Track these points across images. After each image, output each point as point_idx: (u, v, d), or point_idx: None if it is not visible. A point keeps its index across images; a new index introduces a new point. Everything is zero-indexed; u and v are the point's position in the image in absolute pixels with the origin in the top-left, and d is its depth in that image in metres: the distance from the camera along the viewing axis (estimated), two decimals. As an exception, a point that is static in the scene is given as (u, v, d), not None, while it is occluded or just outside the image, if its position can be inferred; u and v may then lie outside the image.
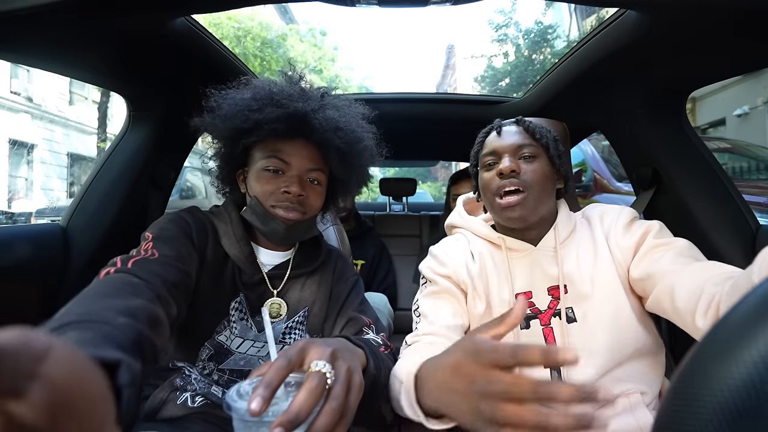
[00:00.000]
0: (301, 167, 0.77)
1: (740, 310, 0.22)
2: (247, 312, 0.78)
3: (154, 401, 0.74)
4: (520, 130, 0.80)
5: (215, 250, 0.77)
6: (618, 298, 0.74)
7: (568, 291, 0.76)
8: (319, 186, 0.80)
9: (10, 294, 0.86)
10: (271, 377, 0.39)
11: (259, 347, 0.78)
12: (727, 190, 1.06)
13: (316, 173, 0.79)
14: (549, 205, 0.79)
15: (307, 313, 0.83)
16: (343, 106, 0.80)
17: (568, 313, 0.75)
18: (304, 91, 0.78)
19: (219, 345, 0.75)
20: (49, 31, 0.75)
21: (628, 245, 0.75)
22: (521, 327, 0.77)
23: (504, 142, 0.79)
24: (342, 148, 0.76)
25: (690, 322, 0.61)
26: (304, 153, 0.77)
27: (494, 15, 11.53)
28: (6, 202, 9.06)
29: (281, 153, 0.76)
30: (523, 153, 0.77)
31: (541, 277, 0.78)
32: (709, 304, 0.57)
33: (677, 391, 0.22)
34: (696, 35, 0.79)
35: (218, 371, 0.76)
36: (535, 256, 0.79)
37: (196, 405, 0.73)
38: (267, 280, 0.80)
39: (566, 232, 0.80)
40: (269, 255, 0.83)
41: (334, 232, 1.19)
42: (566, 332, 0.75)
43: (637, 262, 0.73)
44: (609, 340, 0.72)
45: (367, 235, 1.82)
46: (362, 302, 0.86)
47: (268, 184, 0.76)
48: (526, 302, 0.42)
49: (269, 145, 0.76)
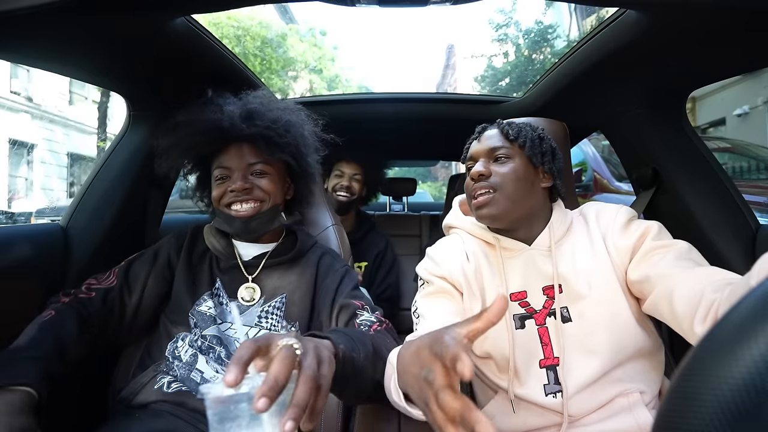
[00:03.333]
0: (241, 166, 0.87)
1: (740, 309, 0.22)
2: (225, 295, 0.88)
3: (135, 385, 0.80)
4: (497, 132, 0.81)
5: (194, 248, 0.93)
6: (616, 299, 0.73)
7: (563, 290, 0.76)
8: (268, 175, 0.89)
9: (10, 294, 0.86)
10: (240, 354, 0.40)
11: (236, 329, 0.85)
12: (727, 190, 1.05)
13: (260, 165, 0.88)
14: (530, 204, 0.78)
15: (285, 300, 0.88)
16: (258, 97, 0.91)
17: (563, 313, 0.75)
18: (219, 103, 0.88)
19: (201, 314, 0.85)
20: (49, 31, 0.75)
21: (625, 246, 0.74)
22: (516, 327, 0.76)
23: (480, 147, 0.81)
24: (263, 134, 0.85)
25: (688, 328, 0.60)
26: (239, 153, 0.87)
27: (494, 15, 11.50)
28: (6, 202, 9.06)
29: (224, 162, 0.87)
30: (497, 155, 0.78)
31: (536, 276, 0.78)
32: (708, 309, 0.57)
33: (677, 390, 0.22)
34: (696, 35, 0.79)
35: (201, 337, 0.84)
36: (530, 255, 0.79)
37: (170, 391, 0.78)
38: (242, 267, 0.90)
39: (561, 231, 0.80)
40: (247, 247, 0.94)
41: (334, 232, 1.19)
42: (561, 332, 0.75)
43: (636, 264, 0.73)
44: (608, 341, 0.72)
45: (370, 234, 1.79)
46: (354, 288, 0.90)
47: (218, 190, 0.87)
48: (506, 300, 0.42)
49: (214, 161, 0.89)
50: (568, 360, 0.74)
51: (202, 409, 0.79)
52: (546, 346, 0.75)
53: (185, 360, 0.81)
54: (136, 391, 0.79)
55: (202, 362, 0.81)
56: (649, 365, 0.75)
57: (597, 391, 0.72)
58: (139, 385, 0.80)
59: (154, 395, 0.77)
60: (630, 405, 0.72)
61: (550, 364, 0.74)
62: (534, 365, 0.75)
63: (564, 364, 0.73)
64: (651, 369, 0.75)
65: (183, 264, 0.91)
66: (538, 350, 0.75)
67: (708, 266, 0.66)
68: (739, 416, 0.18)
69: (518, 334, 0.76)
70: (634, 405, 0.71)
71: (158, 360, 0.84)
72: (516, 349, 0.75)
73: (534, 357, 0.75)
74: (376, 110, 1.65)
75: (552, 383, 0.73)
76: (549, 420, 0.74)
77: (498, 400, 0.79)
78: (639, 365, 0.74)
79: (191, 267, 0.91)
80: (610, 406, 0.73)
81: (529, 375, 0.75)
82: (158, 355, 0.85)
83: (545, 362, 0.74)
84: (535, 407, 0.74)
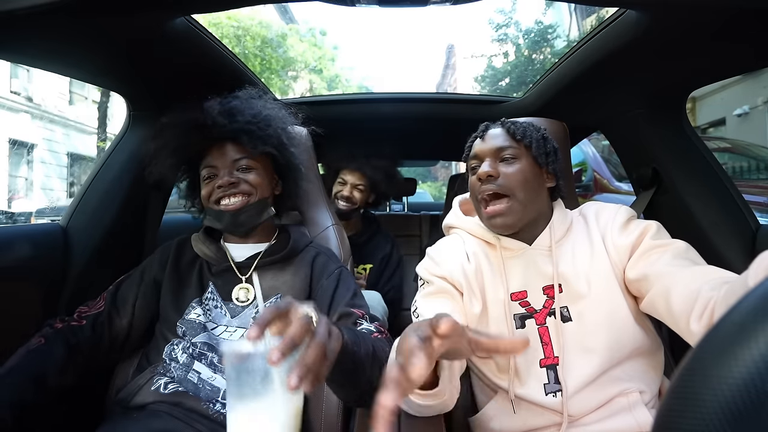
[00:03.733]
0: (226, 163, 0.88)
1: (741, 308, 0.22)
2: (218, 299, 0.88)
3: (133, 387, 0.81)
4: (503, 132, 0.80)
5: (181, 258, 0.93)
6: (614, 298, 0.74)
7: (563, 290, 0.76)
8: (254, 170, 0.90)
9: (10, 294, 0.86)
10: (264, 316, 0.45)
11: (231, 332, 0.85)
12: (727, 190, 1.06)
13: (245, 161, 0.88)
14: (538, 206, 0.79)
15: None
16: (239, 96, 0.91)
17: (563, 312, 0.76)
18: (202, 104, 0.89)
19: (190, 322, 0.85)
20: (49, 31, 0.75)
21: (624, 244, 0.75)
22: (516, 327, 0.77)
23: (485, 146, 0.79)
24: (245, 129, 0.86)
25: (684, 326, 0.60)
26: (224, 151, 0.88)
27: (494, 15, 11.49)
28: (6, 202, 9.06)
29: (210, 161, 0.89)
30: (504, 155, 0.77)
31: (536, 276, 0.78)
32: (705, 308, 0.57)
33: (677, 390, 0.22)
34: (696, 35, 0.79)
35: (192, 344, 0.84)
36: (530, 255, 0.79)
37: (167, 392, 0.78)
38: (235, 268, 0.90)
39: (562, 231, 0.80)
40: (239, 248, 0.94)
41: (334, 232, 1.19)
42: (561, 331, 0.75)
43: (634, 263, 0.73)
44: (607, 340, 0.72)
45: (377, 236, 1.75)
46: (354, 296, 0.88)
47: (206, 189, 0.88)
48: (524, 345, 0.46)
49: (201, 163, 0.90)
50: (567, 359, 0.74)
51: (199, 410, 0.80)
52: (546, 345, 0.75)
53: (182, 361, 0.82)
54: (133, 392, 0.80)
55: (198, 363, 0.82)
56: (648, 365, 0.75)
57: (596, 390, 0.72)
58: (137, 387, 0.80)
59: (151, 396, 0.78)
60: (630, 405, 0.72)
61: (550, 364, 0.74)
62: (534, 365, 0.75)
63: (564, 363, 0.73)
64: (650, 368, 0.75)
65: (169, 276, 0.91)
66: (539, 350, 0.75)
67: (705, 265, 0.66)
68: (739, 416, 0.18)
69: (519, 333, 0.76)
70: (634, 405, 0.72)
71: (155, 362, 0.84)
72: None
73: (534, 357, 0.75)
74: (376, 110, 1.65)
75: (552, 382, 0.74)
76: (549, 420, 0.74)
77: (498, 400, 0.79)
78: (638, 364, 0.74)
79: (179, 278, 0.91)
80: (609, 406, 0.73)
81: (529, 375, 0.75)
82: (156, 358, 0.85)
83: (545, 362, 0.75)
84: (535, 407, 0.74)
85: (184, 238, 0.97)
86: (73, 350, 0.81)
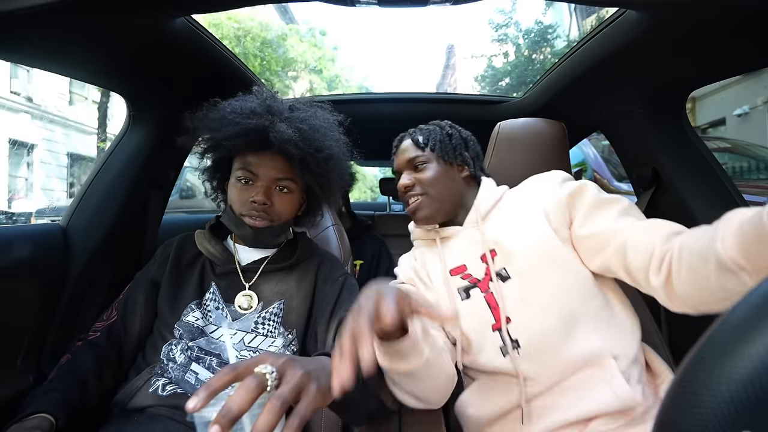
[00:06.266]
0: (269, 177, 0.84)
1: (742, 307, 0.22)
2: (220, 301, 0.86)
3: (130, 389, 0.79)
4: (410, 143, 0.90)
5: (182, 256, 0.91)
6: (553, 246, 0.75)
7: (497, 254, 0.80)
8: (290, 193, 0.87)
9: (10, 294, 0.86)
10: (211, 381, 0.42)
11: (231, 334, 0.84)
12: (727, 190, 1.05)
13: (286, 182, 0.86)
14: (454, 194, 0.87)
15: (283, 307, 0.87)
16: (309, 118, 0.85)
17: (501, 273, 0.78)
18: (270, 107, 0.83)
19: (188, 325, 0.83)
20: (49, 31, 0.75)
21: (563, 195, 0.78)
22: (462, 299, 0.80)
23: (399, 161, 0.91)
24: (304, 158, 0.81)
25: (643, 280, 0.63)
26: (271, 164, 0.84)
27: (494, 15, 11.54)
28: (6, 202, 9.06)
29: (251, 165, 0.84)
30: (415, 164, 0.88)
31: (471, 249, 0.83)
32: (662, 261, 0.60)
33: (677, 390, 0.22)
34: (696, 35, 0.79)
35: (189, 348, 0.82)
36: (464, 234, 0.86)
37: (165, 394, 0.77)
38: (240, 272, 0.88)
39: (488, 205, 0.85)
40: (247, 251, 0.92)
41: (334, 232, 1.19)
42: (502, 291, 0.77)
43: (582, 220, 0.76)
44: (552, 290, 0.73)
45: (365, 235, 1.82)
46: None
47: (239, 194, 0.85)
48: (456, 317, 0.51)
49: (241, 158, 0.85)
50: (517, 317, 0.75)
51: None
52: (495, 309, 0.77)
53: (180, 362, 0.80)
54: (131, 394, 0.79)
55: (196, 365, 0.81)
56: (617, 325, 0.73)
57: (557, 349, 0.71)
58: (134, 389, 0.79)
59: (149, 399, 0.77)
60: (605, 376, 0.69)
61: (501, 327, 0.76)
62: (487, 331, 0.77)
63: (514, 321, 0.75)
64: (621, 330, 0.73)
65: (169, 275, 0.89)
66: (488, 316, 0.77)
67: (652, 219, 0.69)
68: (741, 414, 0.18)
69: (465, 305, 0.79)
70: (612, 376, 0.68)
71: (153, 362, 0.83)
72: (467, 320, 0.78)
73: (486, 323, 0.77)
74: (376, 110, 1.65)
75: (508, 345, 0.74)
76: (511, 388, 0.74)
77: (472, 387, 0.81)
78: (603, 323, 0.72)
79: (179, 276, 0.89)
80: (580, 377, 0.70)
81: (485, 341, 0.77)
82: (153, 357, 0.84)
83: (496, 326, 0.76)
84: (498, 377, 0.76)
85: (187, 236, 0.95)
86: (100, 359, 0.82)
